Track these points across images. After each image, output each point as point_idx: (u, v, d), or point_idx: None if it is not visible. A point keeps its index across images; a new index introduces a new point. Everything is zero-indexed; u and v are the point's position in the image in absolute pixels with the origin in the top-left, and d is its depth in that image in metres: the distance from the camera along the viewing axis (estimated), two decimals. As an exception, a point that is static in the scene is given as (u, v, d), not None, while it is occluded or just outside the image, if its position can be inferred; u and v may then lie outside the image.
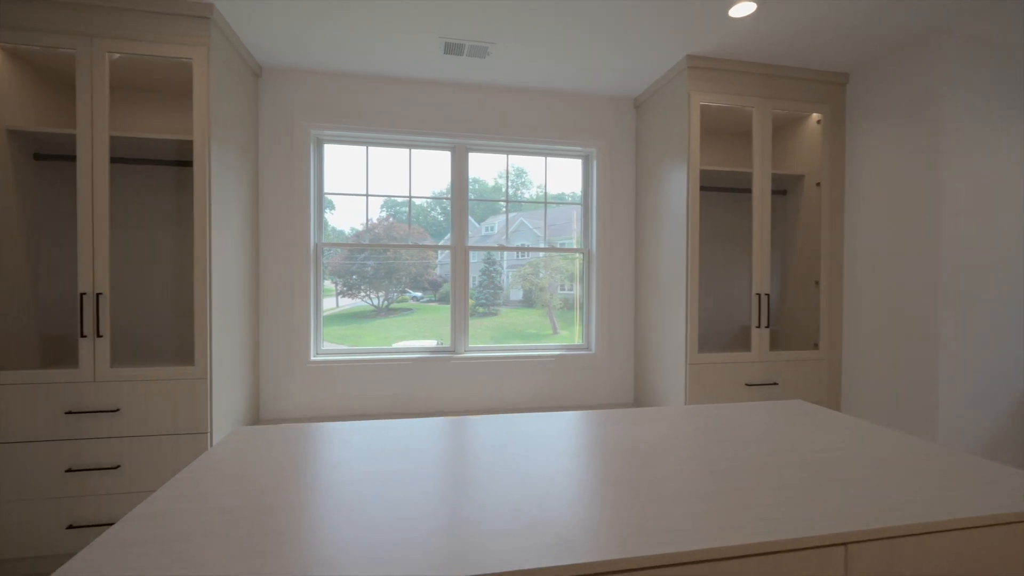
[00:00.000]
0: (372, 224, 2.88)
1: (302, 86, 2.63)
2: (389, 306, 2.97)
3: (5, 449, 1.86)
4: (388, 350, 2.87)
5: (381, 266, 2.94)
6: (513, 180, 3.13)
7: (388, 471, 1.01)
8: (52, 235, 2.24)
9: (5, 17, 1.84)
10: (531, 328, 3.15)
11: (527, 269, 3.18)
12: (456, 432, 1.29)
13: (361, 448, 1.16)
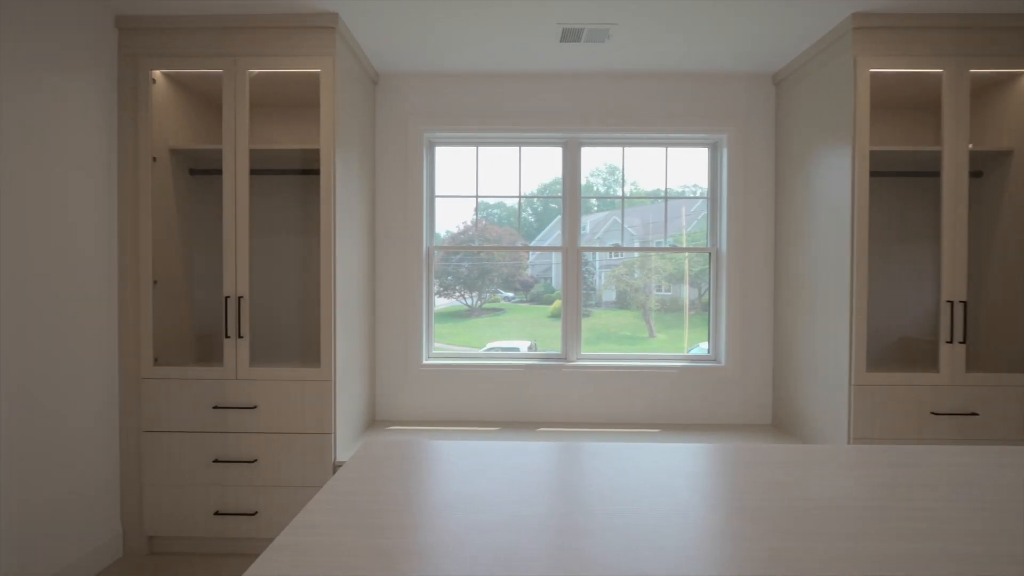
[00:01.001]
0: (467, 226, 2.84)
1: (416, 90, 2.63)
2: (482, 306, 2.92)
3: (164, 437, 2.05)
4: (499, 355, 2.79)
5: (475, 267, 2.90)
6: (605, 177, 2.92)
7: (497, 521, 0.85)
8: (204, 243, 2.45)
9: (165, 47, 2.03)
10: (625, 330, 2.90)
11: (621, 269, 2.94)
12: (577, 462, 1.11)
13: (472, 480, 1.02)
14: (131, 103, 2.04)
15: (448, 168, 2.82)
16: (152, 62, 2.04)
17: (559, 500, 0.92)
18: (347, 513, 0.87)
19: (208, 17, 2.01)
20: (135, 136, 2.04)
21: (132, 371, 2.06)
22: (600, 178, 2.91)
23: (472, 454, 1.18)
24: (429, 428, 2.51)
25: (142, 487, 2.06)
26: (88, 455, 1.92)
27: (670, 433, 2.48)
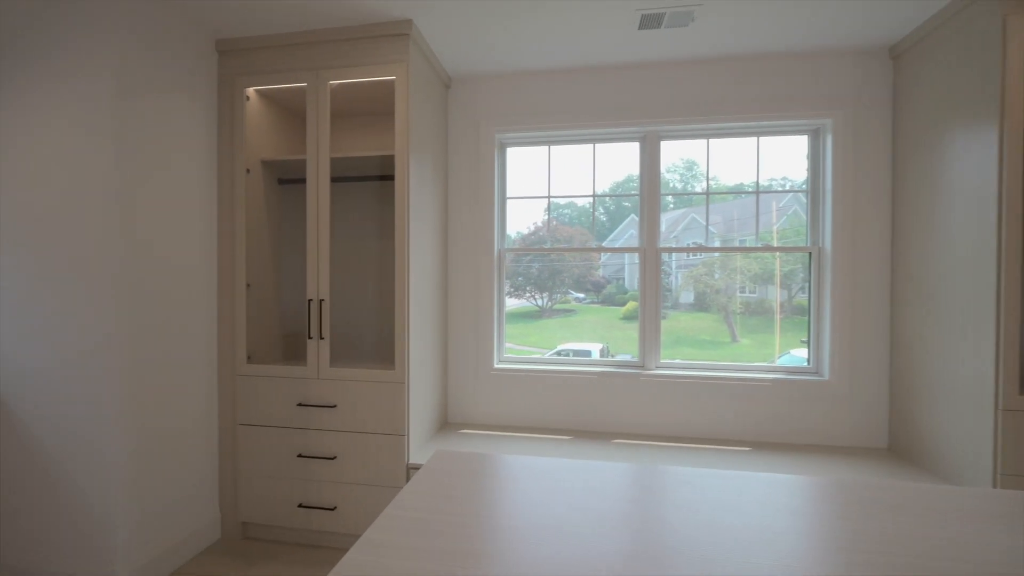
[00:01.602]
0: (537, 227, 2.76)
1: (487, 92, 2.61)
2: (553, 307, 2.84)
3: (255, 431, 2.19)
4: (572, 361, 2.69)
5: (545, 268, 2.82)
6: (683, 173, 2.70)
7: (569, 557, 0.76)
8: (292, 248, 2.60)
9: (257, 65, 2.17)
10: (704, 334, 2.67)
11: (700, 269, 2.71)
12: (663, 490, 0.98)
13: (545, 504, 0.94)
14: (228, 119, 2.20)
15: (520, 169, 2.76)
16: (246, 80, 2.19)
17: (642, 537, 0.81)
18: (414, 534, 0.83)
19: (293, 34, 2.12)
20: (231, 150, 2.20)
21: (229, 368, 2.22)
22: (677, 174, 2.71)
23: (545, 473, 1.10)
24: (499, 433, 2.47)
25: (237, 476, 2.22)
26: (192, 445, 2.09)
27: (764, 453, 2.24)
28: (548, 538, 0.80)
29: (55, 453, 1.81)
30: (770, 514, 0.88)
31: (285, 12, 1.98)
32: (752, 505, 0.91)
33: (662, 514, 0.89)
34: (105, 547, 1.77)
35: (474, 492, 0.99)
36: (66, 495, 1.80)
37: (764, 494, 0.97)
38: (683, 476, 1.07)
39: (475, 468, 1.12)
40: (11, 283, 1.82)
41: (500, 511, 0.91)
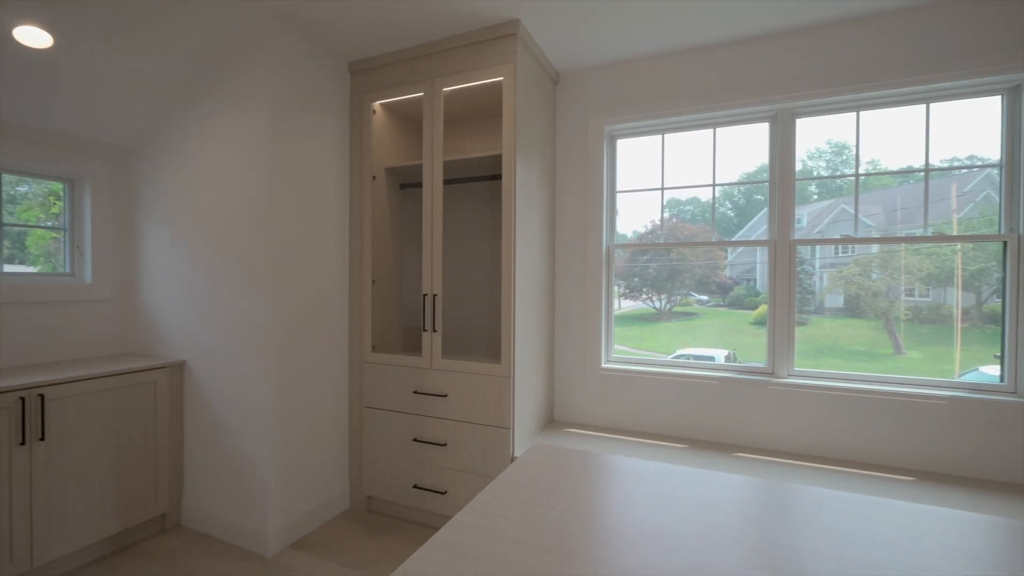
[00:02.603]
0: (656, 224, 2.59)
1: (596, 83, 2.54)
2: (672, 309, 2.65)
3: (378, 414, 2.40)
4: (688, 364, 2.50)
5: (663, 268, 2.63)
6: (830, 159, 2.31)
7: (673, 569, 0.67)
8: (411, 247, 2.81)
9: (381, 81, 2.38)
10: (858, 343, 2.24)
11: (853, 268, 2.28)
12: (790, 510, 0.84)
13: (649, 509, 0.85)
14: (358, 132, 2.45)
15: (635, 163, 2.64)
16: (372, 95, 2.42)
17: (760, 558, 0.71)
18: (501, 520, 0.83)
19: (411, 49, 2.28)
20: (360, 160, 2.45)
21: (357, 356, 2.47)
22: (823, 160, 2.35)
23: (645, 476, 1.02)
24: (606, 435, 2.39)
25: (363, 454, 2.45)
26: (327, 422, 2.37)
27: (934, 487, 1.84)
28: (642, 544, 0.73)
29: (226, 417, 2.18)
30: (936, 556, 0.70)
31: (404, 30, 2.14)
32: (912, 542, 0.74)
33: (785, 535, 0.77)
34: (261, 503, 2.09)
35: (565, 486, 0.96)
36: (234, 454, 2.16)
37: (931, 530, 0.78)
38: (817, 498, 0.91)
39: (570, 464, 1.09)
40: (195, 277, 2.24)
41: (590, 508, 0.86)
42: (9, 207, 2.27)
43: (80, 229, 2.43)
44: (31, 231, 2.36)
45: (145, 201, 2.44)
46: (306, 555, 2.06)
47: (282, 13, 2.02)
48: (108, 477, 2.05)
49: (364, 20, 2.07)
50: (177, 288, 2.32)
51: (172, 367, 2.27)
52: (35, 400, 1.82)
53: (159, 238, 2.38)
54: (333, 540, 2.19)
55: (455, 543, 0.76)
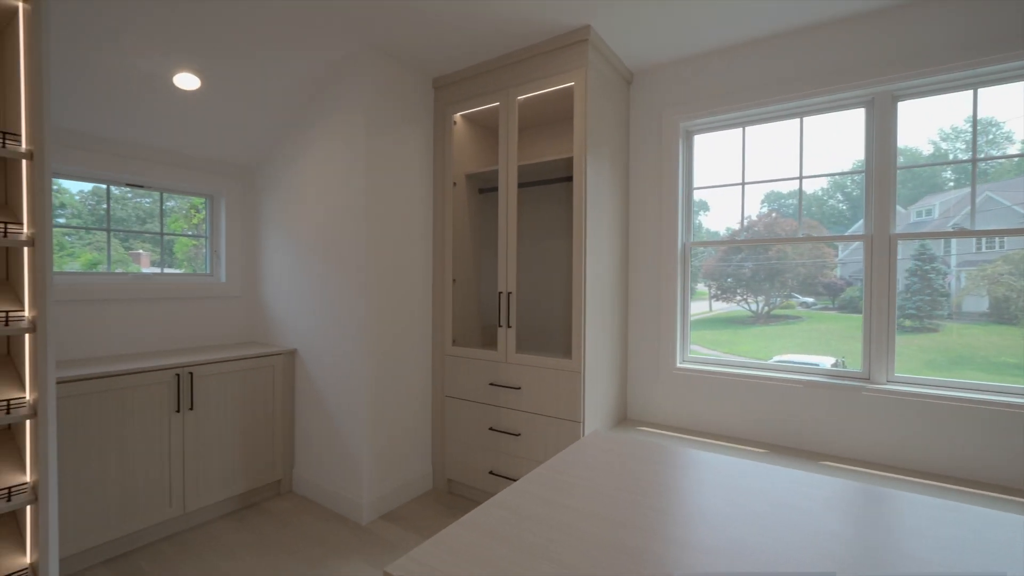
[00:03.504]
0: (751, 221, 2.47)
1: (670, 80, 2.52)
2: (770, 312, 2.50)
3: (458, 403, 2.58)
4: (768, 366, 2.39)
5: (761, 267, 2.48)
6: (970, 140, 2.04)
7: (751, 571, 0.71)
8: (489, 248, 2.98)
9: (462, 94, 2.56)
10: (1004, 354, 1.97)
11: (1000, 266, 2.00)
12: (883, 515, 0.83)
13: (722, 503, 0.89)
14: (441, 142, 2.66)
15: (716, 158, 2.57)
16: (453, 108, 2.61)
17: (808, 543, 0.72)
18: (564, 492, 0.91)
19: (488, 62, 2.44)
20: (443, 168, 2.65)
21: (440, 349, 2.67)
22: (961, 141, 2.08)
23: (711, 467, 1.05)
24: (680, 435, 2.35)
25: (444, 439, 2.65)
26: (413, 409, 2.59)
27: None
28: (727, 553, 0.78)
29: (328, 399, 2.48)
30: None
31: (482, 46, 2.29)
32: (983, 546, 0.71)
33: (846, 531, 0.77)
34: (357, 477, 2.35)
35: (616, 466, 1.02)
36: (335, 433, 2.45)
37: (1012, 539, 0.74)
38: (926, 507, 0.88)
39: (624, 447, 1.14)
40: (304, 276, 2.58)
41: (636, 485, 0.92)
42: (157, 220, 2.78)
43: (217, 236, 2.89)
44: (177, 239, 2.86)
45: (265, 211, 2.85)
46: (394, 526, 2.29)
47: (378, 42, 2.27)
48: (238, 444, 2.43)
49: (448, 42, 2.26)
50: (290, 285, 2.69)
51: (286, 354, 2.63)
52: (186, 377, 2.23)
53: (276, 243, 2.77)
54: (417, 515, 2.40)
55: (513, 504, 0.86)
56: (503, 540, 0.75)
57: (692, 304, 2.60)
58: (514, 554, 0.71)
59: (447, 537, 0.76)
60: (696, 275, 2.64)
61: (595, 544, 0.73)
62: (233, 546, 2.12)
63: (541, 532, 0.77)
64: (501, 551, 0.72)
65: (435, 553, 0.71)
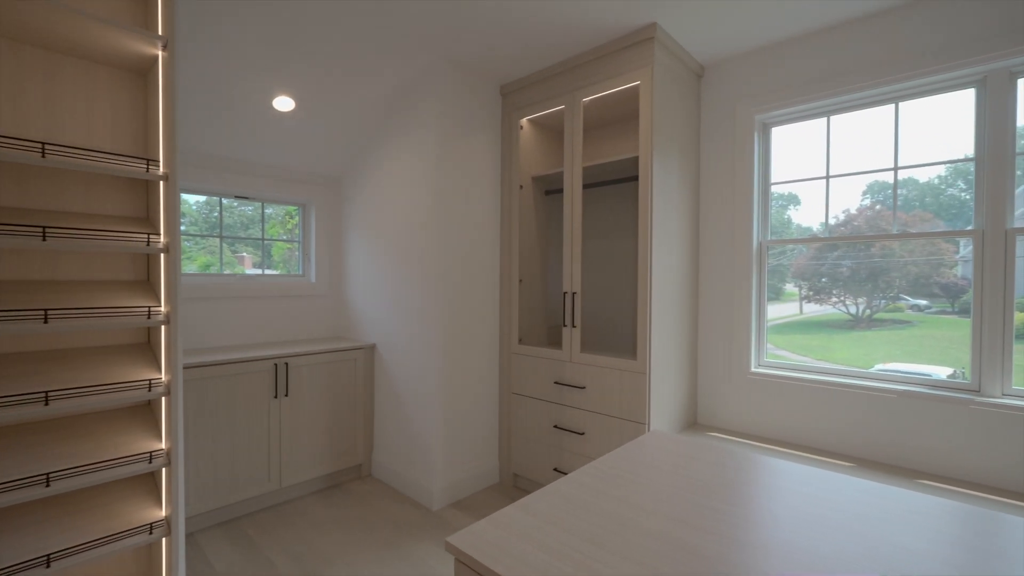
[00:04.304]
0: (850, 215, 2.27)
1: (744, 72, 2.41)
2: (873, 316, 2.27)
3: (524, 400, 2.65)
4: (857, 373, 2.21)
5: (861, 266, 2.26)
6: None
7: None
8: (554, 249, 3.02)
9: (528, 99, 2.63)
10: None
11: None
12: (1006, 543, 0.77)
13: (808, 519, 0.87)
14: (508, 147, 2.74)
15: (799, 150, 2.43)
16: (520, 113, 2.68)
17: (860, 547, 0.70)
18: (615, 484, 0.94)
19: (554, 67, 2.48)
20: (509, 171, 2.73)
21: (506, 347, 2.76)
22: None
23: (791, 473, 1.03)
24: (755, 443, 2.25)
25: (511, 434, 2.73)
26: (481, 404, 2.70)
27: None
28: (756, 534, 0.78)
29: (403, 392, 2.66)
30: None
31: (548, 51, 2.35)
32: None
33: (893, 538, 0.74)
34: (429, 465, 2.50)
35: (671, 464, 1.02)
36: (409, 423, 2.62)
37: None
38: None
39: (682, 448, 1.14)
40: (382, 276, 2.78)
41: (689, 482, 0.92)
42: (259, 225, 3.13)
43: (308, 241, 3.20)
44: (275, 242, 3.20)
45: (348, 217, 3.11)
46: (462, 513, 2.41)
47: (450, 55, 2.40)
48: (325, 429, 2.68)
49: (515, 50, 2.34)
50: (369, 285, 2.91)
51: (366, 348, 2.86)
52: (283, 367, 2.50)
53: (357, 246, 3.01)
54: (484, 505, 2.50)
55: (567, 492, 0.90)
56: (554, 523, 0.80)
57: (780, 307, 2.46)
58: (563, 535, 0.76)
59: (502, 517, 0.82)
60: (784, 275, 2.49)
61: (641, 533, 0.76)
62: (321, 520, 2.35)
63: (591, 519, 0.81)
64: (551, 532, 0.77)
65: (489, 530, 0.77)
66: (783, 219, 2.48)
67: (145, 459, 1.34)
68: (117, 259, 1.52)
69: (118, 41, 1.36)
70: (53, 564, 1.18)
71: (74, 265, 1.45)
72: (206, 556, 2.05)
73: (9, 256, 1.36)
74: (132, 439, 1.39)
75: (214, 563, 2.01)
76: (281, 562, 2.01)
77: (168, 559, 1.41)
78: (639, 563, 0.69)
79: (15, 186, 1.36)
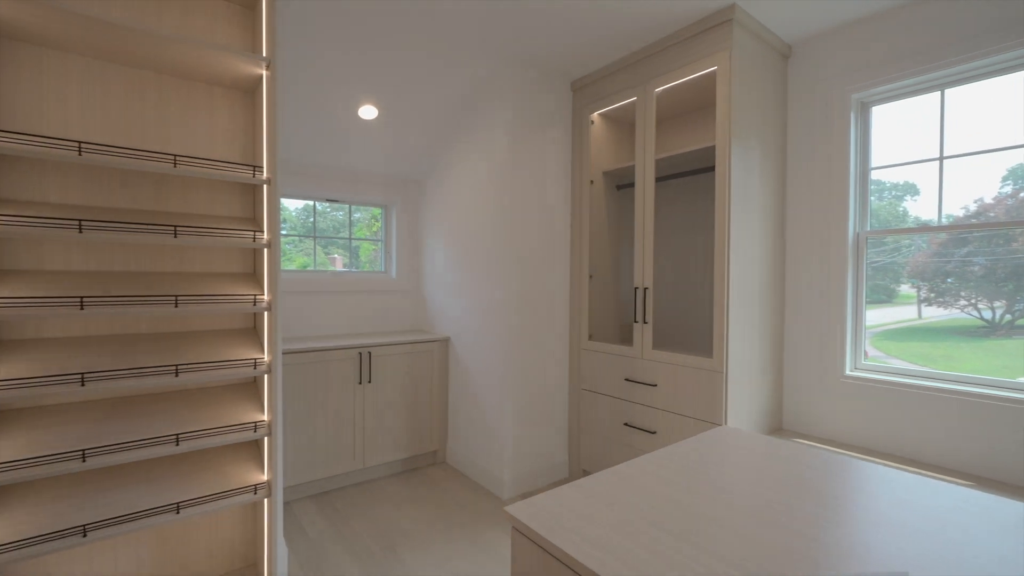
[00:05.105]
0: (984, 205, 1.98)
1: (836, 48, 2.22)
2: (1015, 322, 1.95)
3: (593, 396, 2.63)
4: (974, 379, 1.94)
5: (999, 264, 1.95)
6: None
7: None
8: (626, 244, 2.97)
9: (599, 93, 2.61)
10: None
11: None
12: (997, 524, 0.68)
13: (848, 496, 0.81)
14: (578, 142, 2.74)
15: (914, 129, 2.19)
16: (591, 107, 2.67)
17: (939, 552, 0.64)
18: (668, 468, 0.93)
19: (625, 58, 2.44)
20: (580, 167, 2.73)
21: (576, 342, 2.76)
22: None
23: (904, 487, 0.95)
24: (850, 455, 2.05)
25: (580, 430, 2.73)
26: (551, 399, 2.73)
27: None
28: (827, 533, 0.74)
29: (475, 384, 2.75)
30: None
31: (621, 42, 2.32)
32: None
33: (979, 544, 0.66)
34: (499, 456, 2.57)
35: (733, 458, 0.98)
36: (481, 414, 2.71)
37: None
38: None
39: (749, 444, 1.09)
40: (456, 273, 2.90)
41: (768, 483, 0.88)
42: (348, 229, 3.39)
43: (389, 239, 3.42)
44: (362, 244, 3.45)
45: (424, 216, 3.27)
46: (531, 505, 2.45)
47: (521, 54, 2.46)
48: (403, 416, 2.85)
49: (586, 44, 2.34)
50: (445, 282, 3.05)
51: (441, 341, 3.00)
52: (367, 355, 2.70)
53: (434, 244, 3.17)
54: (553, 499, 2.52)
55: (627, 474, 0.90)
56: (610, 502, 0.81)
57: (893, 310, 2.23)
58: (617, 513, 0.77)
59: (559, 493, 0.84)
60: (899, 274, 2.24)
61: (700, 518, 0.74)
62: (399, 499, 2.51)
63: (647, 501, 0.81)
64: (605, 510, 0.78)
65: (546, 503, 0.80)
66: (897, 212, 2.22)
67: (251, 428, 1.53)
68: (229, 253, 1.75)
69: (234, 65, 1.56)
70: (182, 511, 1.39)
71: (196, 259, 1.69)
72: (300, 523, 2.28)
73: (148, 251, 1.61)
74: (240, 411, 1.59)
75: (307, 529, 2.22)
76: (364, 533, 2.18)
77: (270, 520, 1.59)
78: (707, 551, 0.68)
79: (153, 191, 1.61)
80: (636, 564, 0.64)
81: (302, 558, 2.00)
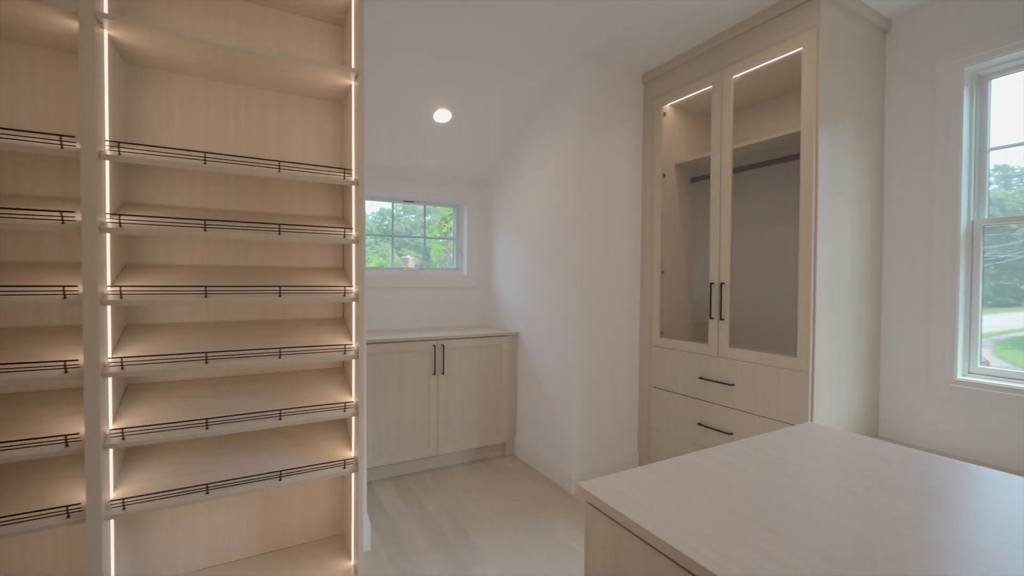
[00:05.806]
0: None
1: (946, 16, 2.00)
2: None
3: (664, 394, 2.57)
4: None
5: None
6: None
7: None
8: (700, 238, 2.86)
9: (671, 84, 2.54)
10: None
11: None
12: None
13: (947, 497, 0.75)
14: (650, 135, 2.69)
15: (1014, 104, 1.94)
16: (663, 99, 2.61)
17: None
18: (739, 465, 0.90)
19: (699, 46, 2.37)
20: (651, 160, 2.68)
21: (647, 339, 2.71)
22: None
23: (982, 479, 0.88)
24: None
25: (650, 428, 2.67)
26: (621, 396, 2.70)
27: None
28: (924, 532, 0.70)
29: (544, 379, 2.79)
30: None
31: (693, 30, 2.25)
32: None
33: None
34: (567, 450, 2.59)
35: (810, 453, 0.93)
36: (549, 409, 2.74)
37: None
38: None
39: (841, 441, 1.03)
40: (525, 270, 2.95)
41: (846, 475, 0.84)
42: (421, 231, 3.56)
43: (461, 237, 3.55)
44: (433, 244, 3.61)
45: (496, 215, 3.36)
46: (600, 501, 2.44)
47: (591, 50, 2.46)
48: (474, 407, 2.96)
49: (658, 34, 2.30)
50: (514, 278, 3.11)
51: (510, 336, 3.07)
52: (440, 348, 2.83)
53: (504, 241, 3.25)
54: (622, 497, 2.49)
55: (700, 463, 0.89)
56: (681, 484, 0.80)
57: (1021, 315, 2.00)
58: (687, 495, 0.76)
59: (632, 475, 0.85)
60: None
61: (773, 504, 0.72)
62: (469, 487, 2.61)
63: (718, 486, 0.79)
64: (676, 491, 0.78)
65: (618, 482, 0.81)
66: (1017, 197, 1.98)
67: (341, 408, 1.68)
68: (321, 249, 1.92)
69: (328, 78, 1.71)
70: (284, 478, 1.56)
71: (294, 254, 1.87)
72: (380, 501, 2.44)
73: (255, 247, 1.81)
74: (330, 393, 1.75)
75: (386, 507, 2.38)
76: (437, 514, 2.30)
77: (356, 493, 1.73)
78: (802, 544, 0.66)
79: (258, 195, 1.81)
80: (719, 547, 0.64)
81: (382, 532, 2.15)
